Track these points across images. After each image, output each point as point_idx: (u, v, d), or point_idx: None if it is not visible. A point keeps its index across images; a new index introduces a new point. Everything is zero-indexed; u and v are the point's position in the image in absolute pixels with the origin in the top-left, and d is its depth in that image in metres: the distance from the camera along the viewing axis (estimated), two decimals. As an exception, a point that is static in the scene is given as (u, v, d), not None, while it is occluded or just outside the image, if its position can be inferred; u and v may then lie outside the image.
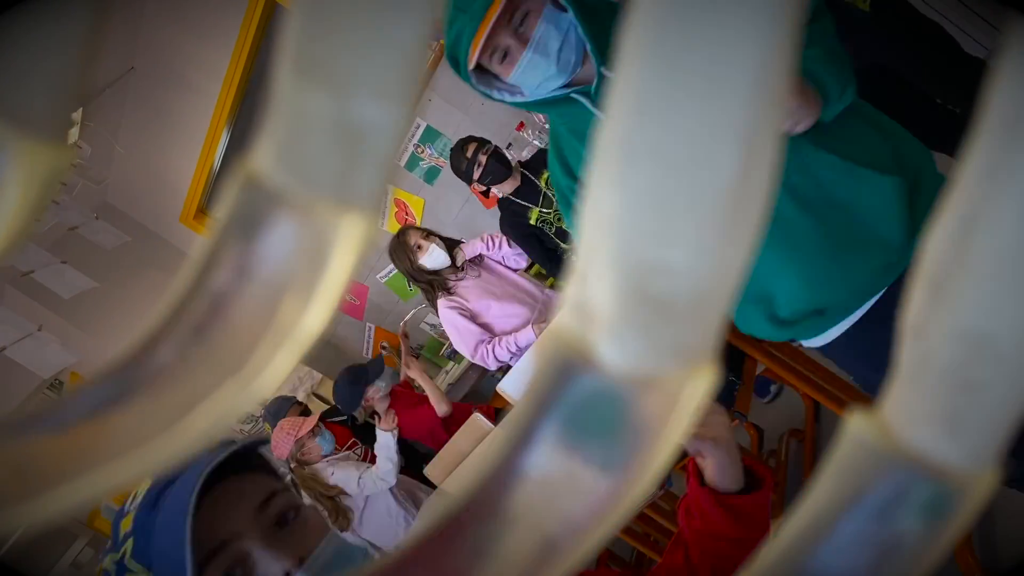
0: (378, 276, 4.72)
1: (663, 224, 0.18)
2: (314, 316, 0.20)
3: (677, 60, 0.17)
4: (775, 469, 3.05)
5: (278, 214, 0.18)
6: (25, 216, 0.18)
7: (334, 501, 2.97)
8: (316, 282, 0.19)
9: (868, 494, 0.20)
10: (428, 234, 3.20)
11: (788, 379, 2.19)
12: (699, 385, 0.20)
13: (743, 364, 2.44)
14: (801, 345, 1.60)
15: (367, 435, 3.34)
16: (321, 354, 5.31)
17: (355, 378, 3.23)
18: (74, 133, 4.01)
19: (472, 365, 3.85)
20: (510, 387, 2.51)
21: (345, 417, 3.69)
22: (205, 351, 0.20)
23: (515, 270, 3.23)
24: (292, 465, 3.10)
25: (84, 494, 0.20)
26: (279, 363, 0.20)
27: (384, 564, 0.21)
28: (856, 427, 0.20)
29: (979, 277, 0.19)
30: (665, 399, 0.20)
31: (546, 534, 0.21)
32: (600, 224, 0.19)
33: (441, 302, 3.10)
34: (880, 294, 1.46)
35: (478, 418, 2.63)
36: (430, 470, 2.85)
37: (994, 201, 0.18)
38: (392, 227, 4.53)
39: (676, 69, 0.17)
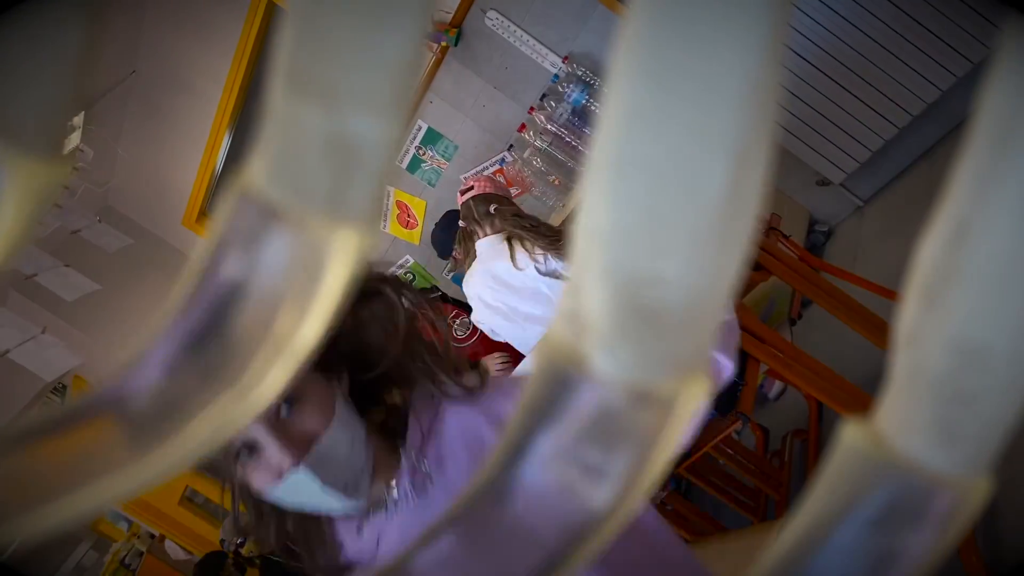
0: (380, 279, 4.71)
1: (655, 235, 0.18)
2: (309, 329, 0.20)
3: (668, 72, 0.17)
4: (779, 470, 3.05)
5: (272, 229, 0.19)
6: (19, 231, 0.18)
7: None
8: (311, 296, 0.19)
9: (863, 504, 0.20)
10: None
11: (791, 380, 2.19)
12: (693, 395, 0.20)
13: (746, 365, 2.43)
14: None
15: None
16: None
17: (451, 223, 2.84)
18: (76, 137, 4.01)
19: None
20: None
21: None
22: (201, 363, 0.20)
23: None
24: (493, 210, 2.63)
25: (83, 507, 0.20)
26: (275, 376, 0.20)
27: (383, 572, 0.22)
28: (850, 436, 0.20)
29: (972, 286, 0.19)
30: (659, 409, 0.20)
31: (543, 545, 0.21)
32: (592, 235, 0.19)
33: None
34: None
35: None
36: None
37: (987, 208, 0.18)
38: (394, 229, 4.53)
39: (667, 81, 0.17)
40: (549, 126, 3.83)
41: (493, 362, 2.85)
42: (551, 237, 2.54)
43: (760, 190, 0.18)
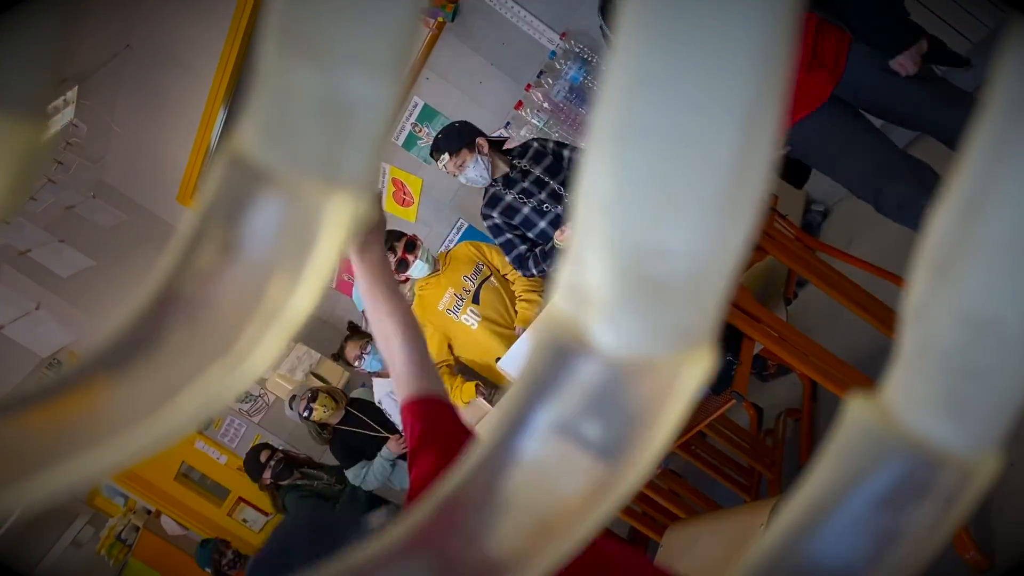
0: (376, 255, 4.69)
1: (660, 204, 0.18)
2: (302, 298, 0.19)
3: (676, 34, 0.16)
4: (772, 449, 3.06)
5: (263, 194, 0.18)
6: (4, 193, 0.18)
7: None
8: (303, 263, 0.19)
9: (868, 479, 0.20)
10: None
11: (785, 359, 2.19)
12: (696, 368, 0.20)
13: (741, 344, 2.43)
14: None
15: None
16: (318, 334, 5.32)
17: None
18: (69, 112, 3.98)
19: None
20: (509, 365, 2.52)
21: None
22: (192, 333, 0.20)
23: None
24: None
25: (76, 476, 0.19)
26: (267, 345, 0.20)
27: (381, 548, 0.21)
28: (856, 411, 0.20)
29: (983, 259, 0.18)
30: (661, 383, 0.20)
31: (541, 518, 0.21)
32: (596, 205, 0.18)
33: None
34: None
35: (478, 400, 2.64)
36: None
37: (999, 183, 0.18)
38: (389, 207, 4.50)
39: (675, 43, 0.16)
40: (546, 104, 3.81)
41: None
42: None
43: (770, 157, 0.18)
